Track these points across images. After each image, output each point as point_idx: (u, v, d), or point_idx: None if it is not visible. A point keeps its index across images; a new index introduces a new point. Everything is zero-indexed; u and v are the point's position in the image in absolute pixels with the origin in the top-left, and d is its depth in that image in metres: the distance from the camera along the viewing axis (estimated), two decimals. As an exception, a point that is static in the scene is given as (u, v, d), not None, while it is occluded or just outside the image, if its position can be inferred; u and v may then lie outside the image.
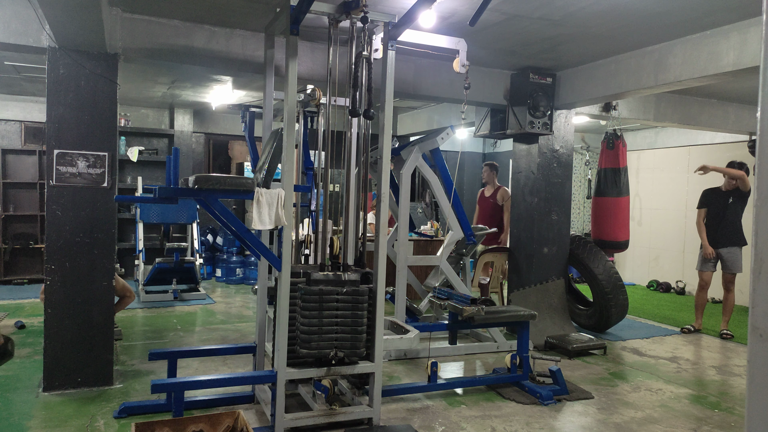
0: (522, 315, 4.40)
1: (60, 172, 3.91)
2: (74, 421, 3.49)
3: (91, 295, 4.02)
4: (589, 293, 6.44)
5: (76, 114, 3.94)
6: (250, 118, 5.58)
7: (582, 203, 10.14)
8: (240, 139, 9.55)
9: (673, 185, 8.99)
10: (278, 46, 4.07)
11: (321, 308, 3.24)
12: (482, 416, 3.79)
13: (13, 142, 8.17)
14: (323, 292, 3.25)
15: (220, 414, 3.08)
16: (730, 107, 6.83)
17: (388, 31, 3.42)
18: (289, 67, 3.16)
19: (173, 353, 3.79)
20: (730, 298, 6.18)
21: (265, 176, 3.39)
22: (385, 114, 3.38)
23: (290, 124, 3.17)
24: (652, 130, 9.29)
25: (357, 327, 3.32)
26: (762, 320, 1.15)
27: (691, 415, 3.96)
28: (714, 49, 4.23)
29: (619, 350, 5.54)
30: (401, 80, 4.97)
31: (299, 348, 3.26)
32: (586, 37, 4.46)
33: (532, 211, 5.82)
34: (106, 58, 4.01)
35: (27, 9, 3.75)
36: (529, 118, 5.41)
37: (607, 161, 6.24)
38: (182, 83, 7.02)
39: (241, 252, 8.80)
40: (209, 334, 5.67)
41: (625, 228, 6.32)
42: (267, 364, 4.16)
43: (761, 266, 1.15)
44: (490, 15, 3.95)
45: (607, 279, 5.93)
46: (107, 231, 4.06)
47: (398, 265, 4.96)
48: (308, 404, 3.64)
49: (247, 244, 3.35)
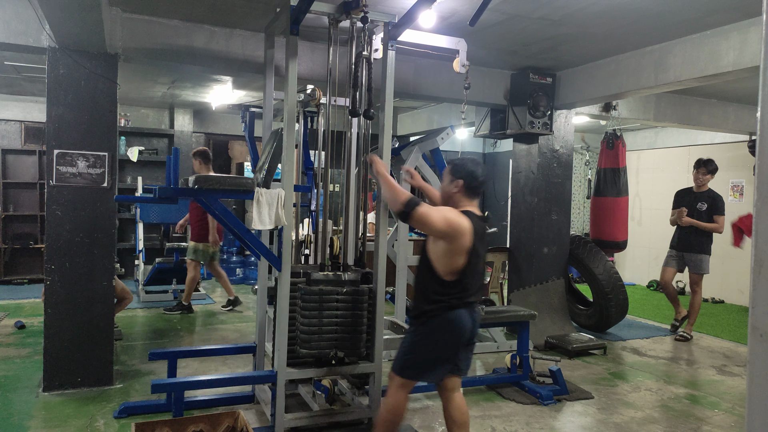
0: (522, 315, 4.40)
1: (60, 172, 3.91)
2: (74, 421, 3.49)
3: (91, 295, 4.02)
4: (589, 293, 6.44)
5: (76, 114, 3.94)
6: (250, 118, 5.57)
7: (582, 203, 10.14)
8: (240, 139, 9.55)
9: (673, 185, 8.93)
10: (278, 46, 4.07)
11: (321, 308, 3.24)
12: (482, 416, 3.79)
13: (13, 142, 8.17)
14: (323, 292, 3.25)
15: (220, 414, 3.07)
16: (730, 107, 6.83)
17: (388, 31, 3.42)
18: (289, 67, 3.16)
19: (173, 353, 3.79)
20: (696, 300, 6.00)
21: (265, 176, 3.39)
22: (385, 114, 3.38)
23: (290, 124, 3.17)
24: (652, 130, 9.29)
25: (357, 327, 3.32)
26: (762, 320, 1.15)
27: (691, 415, 3.96)
28: (714, 49, 4.22)
29: (619, 350, 5.54)
30: (401, 80, 4.97)
31: (299, 348, 3.26)
32: (586, 37, 4.46)
33: (532, 211, 5.82)
34: (106, 58, 4.01)
35: (27, 9, 3.75)
36: (529, 118, 5.41)
37: (606, 161, 6.24)
38: (182, 83, 7.02)
39: (241, 252, 8.80)
40: (209, 334, 5.67)
41: (624, 228, 6.32)
42: (267, 364, 4.15)
43: (761, 266, 1.15)
44: (490, 15, 3.95)
45: (607, 279, 5.92)
46: (107, 231, 4.06)
47: (398, 265, 4.96)
48: (308, 404, 3.64)
49: (247, 244, 3.35)
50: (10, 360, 4.60)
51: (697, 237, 5.97)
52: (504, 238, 8.96)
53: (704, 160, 6.08)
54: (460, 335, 2.86)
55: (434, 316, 2.85)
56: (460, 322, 2.83)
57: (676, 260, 6.13)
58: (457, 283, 2.82)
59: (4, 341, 5.12)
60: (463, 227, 2.75)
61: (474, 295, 2.91)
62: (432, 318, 2.86)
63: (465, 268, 2.81)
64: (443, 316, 2.84)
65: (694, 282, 6.02)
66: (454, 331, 2.85)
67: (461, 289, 2.83)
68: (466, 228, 2.75)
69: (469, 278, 2.84)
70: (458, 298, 2.83)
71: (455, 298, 2.83)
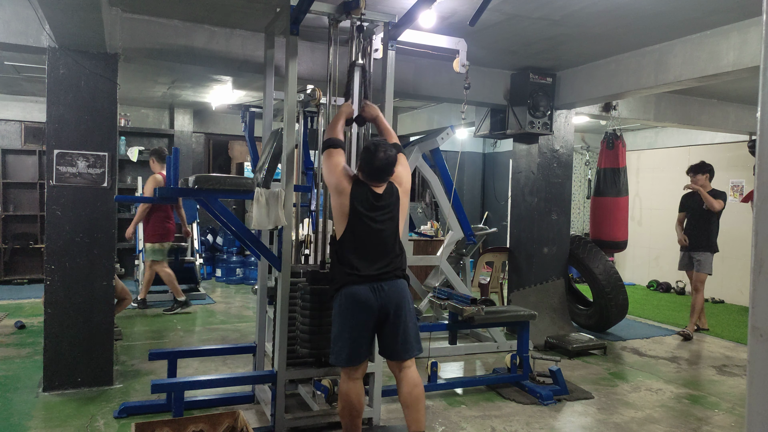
0: (522, 315, 4.40)
1: (60, 172, 3.91)
2: (74, 421, 3.49)
3: (91, 295, 4.02)
4: (589, 293, 6.44)
5: (76, 114, 3.94)
6: (250, 118, 5.58)
7: (582, 203, 10.14)
8: (240, 139, 9.55)
9: (673, 185, 8.96)
10: (278, 46, 4.07)
11: (321, 308, 3.23)
12: (482, 416, 3.79)
13: (13, 142, 8.17)
14: (323, 292, 3.25)
15: (220, 414, 3.07)
16: (730, 107, 6.83)
17: (388, 31, 3.42)
18: (289, 67, 3.16)
19: (173, 353, 3.79)
20: (698, 299, 6.09)
21: (265, 176, 3.39)
22: (385, 114, 3.38)
23: (290, 124, 3.17)
24: (652, 130, 9.29)
25: None
26: (762, 320, 1.15)
27: (691, 415, 3.96)
28: (714, 49, 4.22)
29: (619, 350, 5.54)
30: (401, 80, 4.97)
31: (299, 348, 3.26)
32: (586, 37, 4.46)
33: (532, 211, 5.82)
34: (106, 58, 4.01)
35: (27, 9, 3.75)
36: (529, 118, 5.41)
37: (606, 161, 6.24)
38: (182, 83, 7.02)
39: (241, 252, 8.80)
40: (209, 334, 5.67)
41: (624, 228, 6.32)
42: (267, 364, 4.16)
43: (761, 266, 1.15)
44: (490, 15, 3.95)
45: (607, 279, 5.92)
46: (107, 231, 4.06)
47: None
48: (308, 404, 3.64)
49: (247, 244, 3.35)
50: (10, 360, 4.60)
51: (702, 235, 6.05)
52: (504, 238, 8.97)
53: (693, 165, 6.19)
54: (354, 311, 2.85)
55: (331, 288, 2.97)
56: (352, 296, 2.85)
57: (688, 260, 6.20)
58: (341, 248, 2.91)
59: (4, 341, 5.11)
60: (339, 183, 2.90)
61: (367, 267, 2.88)
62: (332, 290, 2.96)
63: (345, 233, 2.89)
64: (335, 289, 2.92)
65: (697, 280, 6.07)
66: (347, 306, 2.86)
67: (345, 258, 2.89)
68: (344, 186, 2.89)
69: (348, 246, 2.89)
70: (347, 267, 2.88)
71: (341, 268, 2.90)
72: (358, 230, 2.89)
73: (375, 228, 2.91)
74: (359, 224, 2.89)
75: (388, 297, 2.88)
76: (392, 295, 2.90)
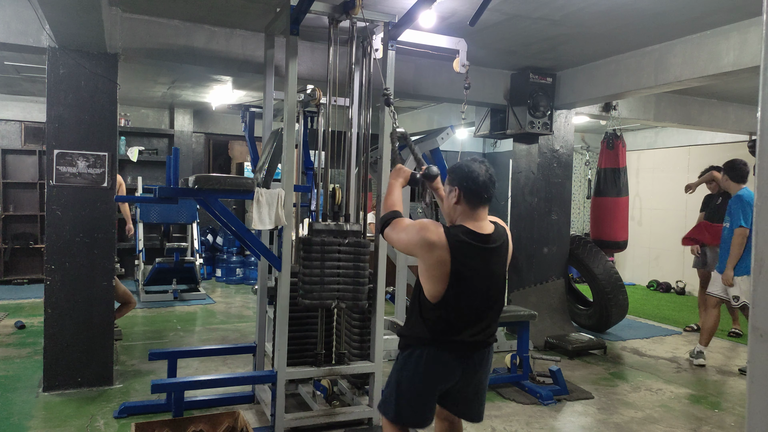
0: (522, 315, 4.40)
1: (60, 172, 3.91)
2: (74, 421, 3.49)
3: (91, 295, 4.02)
4: (589, 293, 6.44)
5: (76, 114, 3.94)
6: (250, 118, 5.56)
7: (582, 203, 10.14)
8: (240, 139, 9.55)
9: (673, 185, 8.97)
10: (278, 46, 4.07)
11: (323, 258, 3.21)
12: (482, 416, 3.79)
13: (13, 142, 8.17)
14: (325, 243, 3.22)
15: (220, 414, 3.08)
16: (730, 107, 6.83)
17: (388, 31, 3.42)
18: (289, 67, 3.16)
19: (173, 353, 3.79)
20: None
21: (265, 176, 3.39)
22: (385, 114, 3.38)
23: (290, 124, 3.17)
24: (652, 130, 9.29)
25: (359, 278, 3.30)
26: (762, 320, 1.15)
27: (691, 415, 3.96)
28: (714, 49, 4.22)
29: (619, 350, 5.54)
30: (401, 80, 4.97)
31: (301, 299, 3.21)
32: (586, 37, 4.46)
33: (532, 211, 5.82)
34: (106, 58, 4.01)
35: (27, 9, 3.74)
36: (529, 118, 5.41)
37: (606, 161, 6.24)
38: (182, 83, 7.02)
39: (241, 252, 8.80)
40: (209, 334, 5.67)
41: (624, 228, 6.32)
42: (267, 364, 4.15)
43: (761, 266, 1.15)
44: (490, 15, 3.95)
45: (607, 279, 5.92)
46: (107, 231, 4.06)
47: (398, 265, 4.96)
48: (308, 404, 3.64)
49: (247, 244, 3.35)
50: (10, 360, 4.60)
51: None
52: (504, 238, 8.95)
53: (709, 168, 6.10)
54: (433, 379, 2.32)
55: (408, 346, 2.38)
56: (437, 364, 2.30)
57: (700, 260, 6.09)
58: (439, 311, 2.27)
59: (4, 341, 5.11)
60: (429, 240, 2.20)
61: (464, 332, 2.30)
62: (407, 347, 2.39)
63: (446, 296, 2.24)
64: (417, 349, 2.34)
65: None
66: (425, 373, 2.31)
67: (444, 321, 2.29)
68: (435, 242, 2.20)
69: (452, 310, 2.27)
70: (441, 333, 2.29)
71: (436, 332, 2.30)
72: (461, 286, 2.25)
73: (483, 276, 2.31)
74: (462, 279, 2.25)
75: (474, 371, 2.37)
76: (479, 368, 2.39)
